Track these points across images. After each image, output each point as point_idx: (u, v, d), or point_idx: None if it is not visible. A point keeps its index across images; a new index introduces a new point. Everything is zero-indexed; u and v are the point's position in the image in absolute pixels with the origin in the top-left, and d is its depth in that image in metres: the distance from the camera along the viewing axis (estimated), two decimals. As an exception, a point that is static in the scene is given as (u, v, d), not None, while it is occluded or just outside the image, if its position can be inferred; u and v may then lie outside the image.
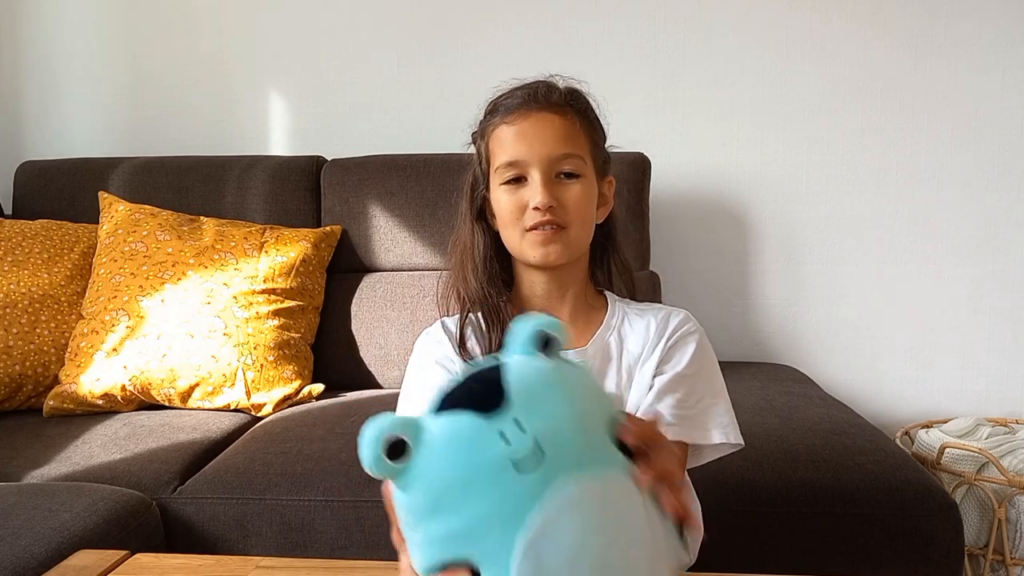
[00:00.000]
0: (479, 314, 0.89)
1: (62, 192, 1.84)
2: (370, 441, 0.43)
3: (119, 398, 1.49)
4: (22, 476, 1.21)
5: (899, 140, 1.90)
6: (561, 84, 0.88)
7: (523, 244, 0.84)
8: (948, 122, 1.89)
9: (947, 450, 1.57)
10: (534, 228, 0.83)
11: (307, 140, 2.03)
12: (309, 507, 1.16)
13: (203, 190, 1.80)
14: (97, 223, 1.72)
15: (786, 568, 0.77)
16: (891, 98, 1.90)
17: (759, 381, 1.63)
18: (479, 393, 0.44)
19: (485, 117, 0.90)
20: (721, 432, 0.82)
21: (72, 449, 1.30)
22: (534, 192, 0.82)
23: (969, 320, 1.92)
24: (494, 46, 1.96)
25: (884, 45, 1.89)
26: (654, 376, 0.84)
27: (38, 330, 1.54)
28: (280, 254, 1.64)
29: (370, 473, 0.43)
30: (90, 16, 2.07)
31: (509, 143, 0.84)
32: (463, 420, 0.43)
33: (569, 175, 0.84)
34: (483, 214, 0.91)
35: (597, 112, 0.89)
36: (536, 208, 0.82)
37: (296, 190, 1.80)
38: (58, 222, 1.73)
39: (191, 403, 1.51)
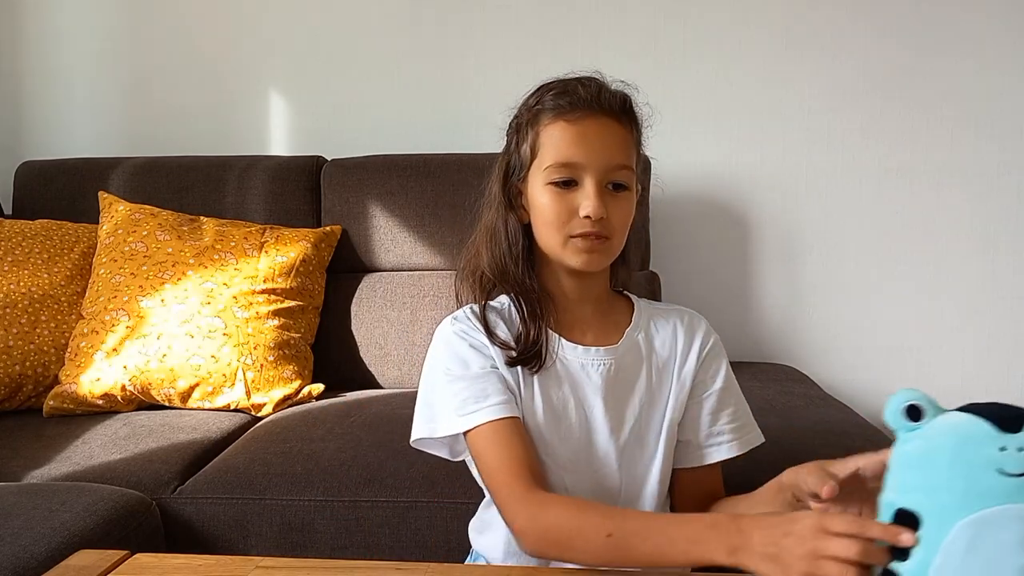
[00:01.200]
0: (512, 300, 0.87)
1: (62, 192, 1.84)
2: (898, 399, 0.56)
3: (119, 398, 1.49)
4: (22, 476, 1.21)
5: (899, 140, 1.90)
6: (612, 85, 0.86)
7: (565, 249, 0.82)
8: (948, 122, 1.89)
9: (947, 450, 1.57)
10: (580, 235, 0.81)
11: (307, 140, 2.03)
12: (309, 507, 1.16)
13: (203, 190, 1.80)
14: (97, 223, 1.72)
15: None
16: (891, 98, 1.90)
17: (759, 381, 1.63)
18: (1000, 412, 0.54)
19: (534, 105, 0.85)
20: (760, 430, 0.91)
21: (72, 449, 1.30)
22: (587, 201, 0.80)
23: (969, 320, 1.92)
24: (494, 46, 1.96)
25: (884, 45, 1.89)
26: (693, 384, 0.87)
27: (38, 330, 1.54)
28: (280, 254, 1.64)
29: (886, 421, 0.57)
30: (90, 16, 2.07)
31: (567, 143, 0.81)
32: (981, 422, 0.54)
33: (619, 186, 0.82)
34: (512, 203, 0.88)
35: (640, 118, 0.88)
36: (587, 217, 0.80)
37: (296, 190, 1.80)
38: (58, 222, 1.73)
39: (191, 403, 1.51)
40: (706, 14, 1.91)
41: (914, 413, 0.55)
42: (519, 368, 0.84)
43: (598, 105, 0.81)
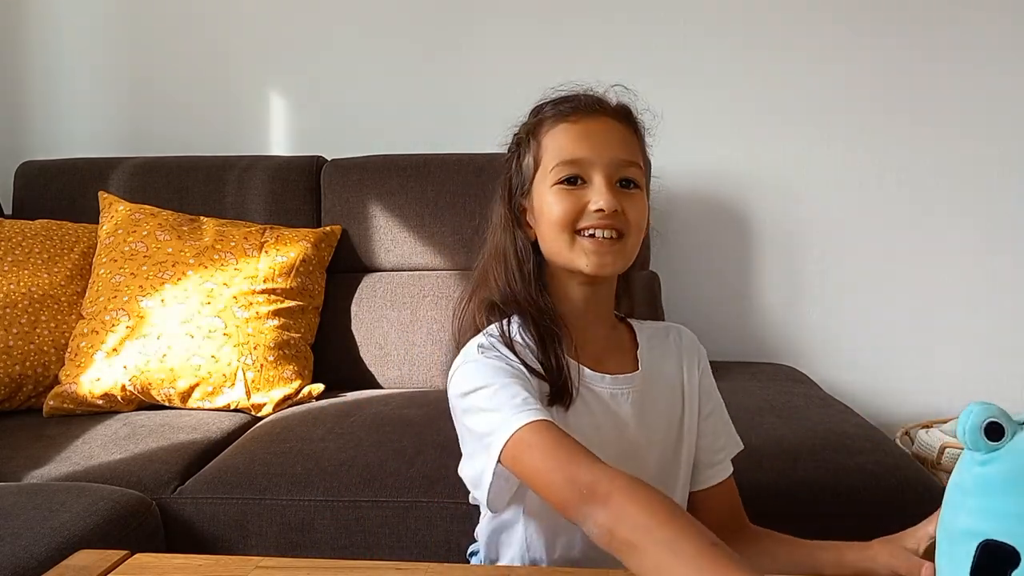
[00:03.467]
0: (524, 327, 0.80)
1: (62, 192, 1.84)
2: (976, 416, 0.50)
3: (119, 398, 1.49)
4: (22, 476, 1.21)
5: (899, 140, 1.90)
6: (613, 98, 0.84)
7: (574, 250, 0.77)
8: (948, 122, 1.89)
9: (947, 450, 1.57)
10: (591, 234, 0.77)
11: (307, 140, 2.03)
12: (309, 507, 1.16)
13: (203, 190, 1.80)
14: (97, 223, 1.72)
15: (786, 568, 0.79)
16: (891, 98, 1.90)
17: (759, 381, 1.63)
18: None
19: (534, 118, 0.84)
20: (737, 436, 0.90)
21: (72, 449, 1.30)
22: (598, 194, 0.76)
23: (969, 320, 1.92)
24: (494, 47, 1.96)
25: (885, 45, 1.89)
26: (699, 399, 0.87)
27: (38, 330, 1.54)
28: (280, 254, 1.64)
29: (962, 441, 0.51)
30: (90, 16, 2.07)
31: (571, 141, 0.78)
32: None
33: (629, 182, 0.79)
34: (519, 222, 0.85)
35: (642, 125, 0.86)
36: (599, 210, 0.75)
37: (296, 190, 1.80)
38: (58, 222, 1.73)
39: (191, 403, 1.51)
40: (706, 14, 1.91)
41: (994, 431, 0.50)
42: (555, 403, 0.77)
43: (599, 107, 0.81)
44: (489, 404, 0.71)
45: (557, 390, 0.76)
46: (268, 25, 2.03)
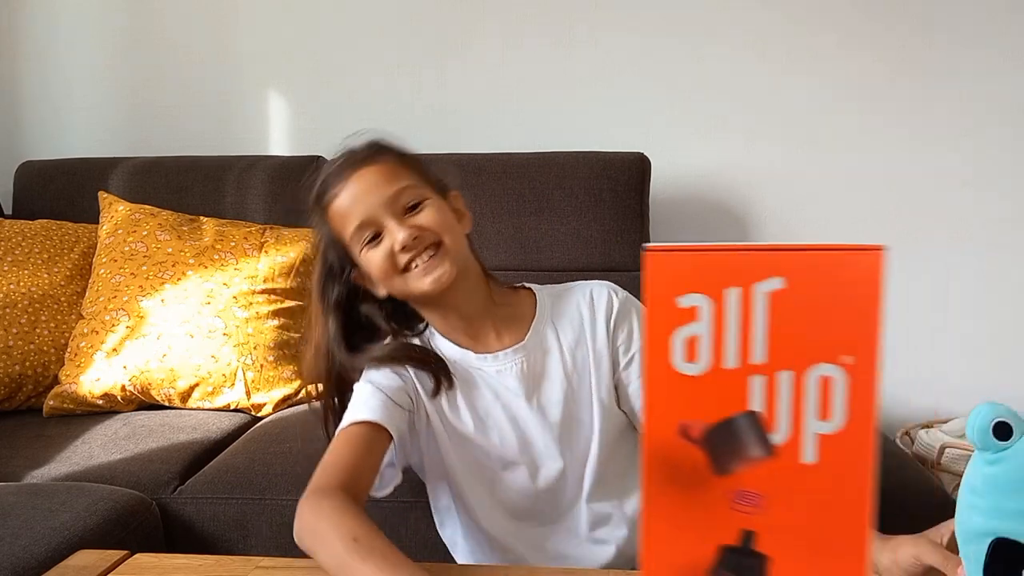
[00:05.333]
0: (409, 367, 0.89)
1: (62, 192, 1.84)
2: (984, 416, 0.51)
3: (119, 398, 1.49)
4: (22, 476, 1.21)
5: (899, 141, 1.90)
6: (359, 145, 0.93)
7: (409, 283, 0.85)
8: (948, 122, 1.89)
9: (947, 450, 1.57)
10: (411, 264, 0.84)
11: (307, 140, 2.03)
12: (309, 507, 1.15)
13: (203, 190, 1.80)
14: (97, 223, 1.72)
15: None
16: (891, 99, 1.90)
17: (759, 381, 1.62)
18: None
19: (312, 207, 0.92)
20: None
21: (72, 449, 1.30)
22: (393, 235, 0.84)
23: (969, 320, 1.92)
24: (493, 46, 1.96)
25: (884, 45, 1.89)
26: (613, 351, 0.88)
27: (38, 330, 1.54)
28: (280, 254, 1.64)
29: (971, 441, 0.51)
30: (90, 16, 2.06)
31: (347, 210, 0.86)
32: None
33: (413, 206, 0.86)
34: (353, 300, 0.92)
35: (403, 147, 0.94)
36: (403, 248, 0.83)
37: (296, 190, 1.80)
38: (58, 222, 1.73)
39: (191, 403, 1.51)
40: (706, 15, 1.91)
41: (1003, 431, 0.51)
42: (443, 392, 0.88)
43: (348, 167, 0.88)
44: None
45: (436, 379, 0.87)
46: (268, 25, 2.02)
